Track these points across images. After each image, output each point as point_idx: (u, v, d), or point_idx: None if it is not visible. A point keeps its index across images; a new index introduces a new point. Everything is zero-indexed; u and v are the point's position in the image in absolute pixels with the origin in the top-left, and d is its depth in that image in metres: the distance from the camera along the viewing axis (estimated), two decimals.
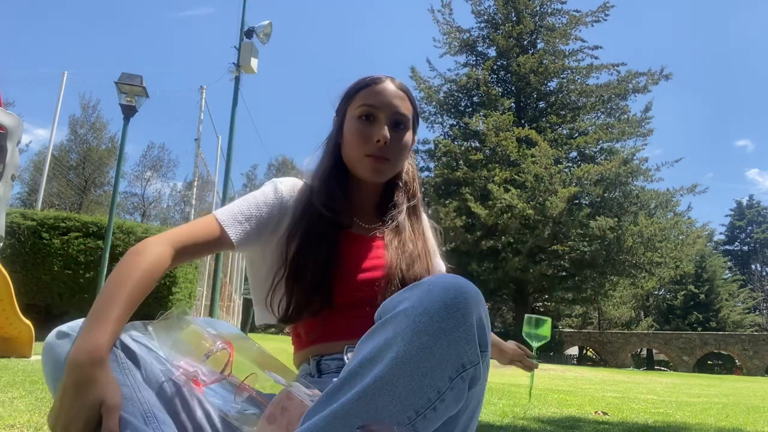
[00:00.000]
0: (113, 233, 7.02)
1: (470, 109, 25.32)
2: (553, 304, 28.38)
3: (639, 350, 33.03)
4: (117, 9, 58.26)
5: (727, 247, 52.16)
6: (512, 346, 1.38)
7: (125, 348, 0.80)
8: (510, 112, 23.18)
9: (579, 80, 25.01)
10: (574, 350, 32.12)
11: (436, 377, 0.68)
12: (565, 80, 25.12)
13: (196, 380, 0.83)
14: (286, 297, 1.03)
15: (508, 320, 33.36)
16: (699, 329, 33.47)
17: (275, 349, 0.96)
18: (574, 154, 24.67)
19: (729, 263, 46.08)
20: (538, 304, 29.41)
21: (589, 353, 32.50)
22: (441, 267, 1.24)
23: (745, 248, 52.56)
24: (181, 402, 0.81)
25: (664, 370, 27.62)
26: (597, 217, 21.06)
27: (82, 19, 57.20)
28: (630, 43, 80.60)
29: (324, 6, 78.17)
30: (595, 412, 3.47)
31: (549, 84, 25.48)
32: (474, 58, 26.49)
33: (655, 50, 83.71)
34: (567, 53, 25.25)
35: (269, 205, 1.06)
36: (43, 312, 7.05)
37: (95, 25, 57.92)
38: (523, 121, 24.82)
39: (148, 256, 0.87)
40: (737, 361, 29.31)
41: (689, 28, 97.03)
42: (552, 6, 25.52)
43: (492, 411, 3.04)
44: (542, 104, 25.76)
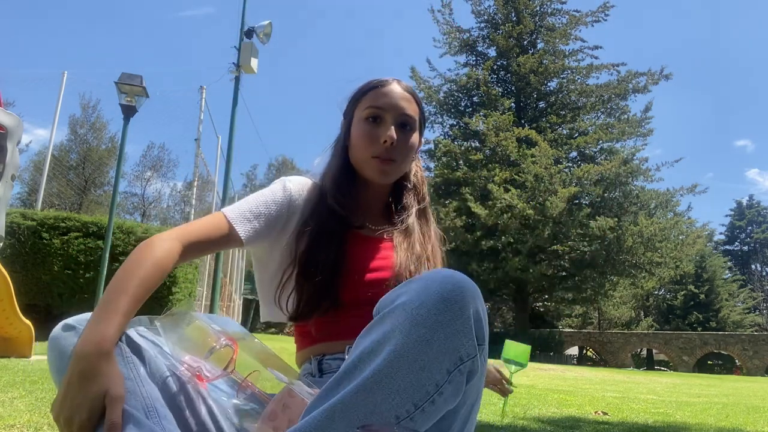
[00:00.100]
0: (113, 233, 7.02)
1: (470, 109, 25.33)
2: (553, 304, 28.39)
3: (639, 350, 33.01)
4: (117, 9, 58.35)
5: (727, 247, 52.15)
6: (492, 370, 1.38)
7: (130, 342, 0.81)
8: (510, 112, 23.18)
9: (579, 80, 25.01)
10: (574, 350, 32.10)
11: (434, 370, 0.68)
12: (565, 80, 25.12)
13: (200, 376, 0.84)
14: (296, 294, 1.03)
15: (508, 320, 33.36)
16: (699, 329, 33.46)
17: (276, 349, 0.96)
18: (574, 154, 24.67)
19: (729, 263, 46.07)
20: (538, 304, 29.41)
21: (589, 353, 32.48)
22: None
23: (745, 248, 52.55)
24: (185, 398, 0.82)
25: (664, 370, 27.61)
26: (597, 217, 21.06)
27: (82, 19, 57.27)
28: (630, 43, 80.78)
29: (324, 6, 78.22)
30: (595, 412, 3.47)
31: (549, 84, 25.49)
32: (474, 58, 26.50)
33: (655, 50, 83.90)
34: (567, 53, 25.25)
35: (278, 203, 1.06)
36: (43, 312, 7.06)
37: (95, 25, 57.98)
38: (523, 121, 24.82)
39: (157, 251, 0.88)
40: (737, 361, 29.30)
41: (689, 28, 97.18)
42: (552, 6, 25.52)
43: (492, 411, 3.04)
44: (542, 104, 25.76)
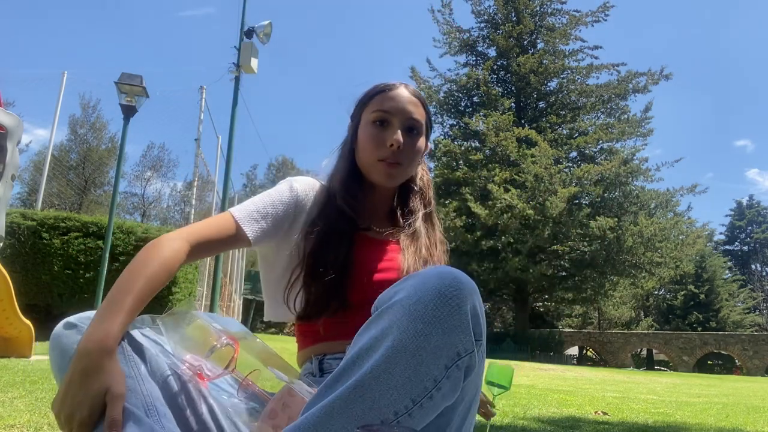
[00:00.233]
0: (113, 233, 7.02)
1: (470, 109, 25.33)
2: (553, 304, 28.41)
3: (639, 350, 33.01)
4: (117, 9, 58.30)
5: (727, 247, 52.14)
6: None
7: (132, 341, 0.81)
8: (510, 112, 23.18)
9: (579, 80, 25.03)
10: (574, 350, 32.09)
11: (432, 366, 0.69)
12: (565, 80, 25.13)
13: (201, 375, 0.84)
14: (304, 295, 1.03)
15: (508, 320, 33.37)
16: (699, 329, 33.46)
17: (276, 349, 0.96)
18: (574, 154, 24.68)
19: (729, 263, 46.07)
20: (538, 304, 29.42)
21: (589, 353, 32.48)
22: None
23: (745, 248, 52.54)
24: (186, 398, 0.82)
25: (664, 370, 27.61)
26: (597, 217, 21.06)
27: (82, 19, 57.24)
28: (630, 43, 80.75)
29: (324, 6, 78.20)
30: (595, 412, 3.47)
31: (549, 84, 25.50)
32: (474, 58, 26.51)
33: (655, 50, 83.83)
34: (567, 53, 25.26)
35: (285, 203, 1.07)
36: (43, 312, 7.06)
37: (95, 25, 57.95)
38: (523, 121, 24.83)
39: (164, 251, 0.89)
40: (737, 361, 29.30)
41: (689, 28, 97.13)
42: (552, 6, 25.54)
43: None
44: (542, 104, 25.77)
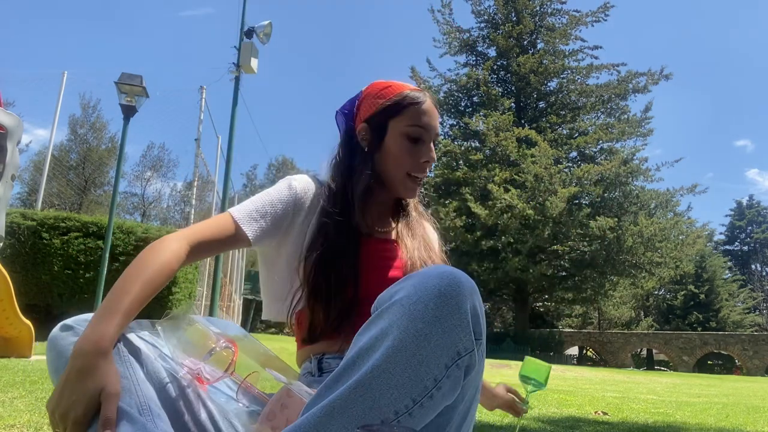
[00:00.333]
0: (113, 233, 7.02)
1: (470, 109, 25.34)
2: (553, 304, 28.39)
3: (639, 350, 33.01)
4: (117, 9, 58.31)
5: (727, 247, 52.14)
6: (501, 391, 1.32)
7: (128, 344, 0.82)
8: (510, 112, 23.18)
9: (579, 80, 25.03)
10: (574, 350, 32.09)
11: (432, 365, 0.68)
12: (565, 80, 25.14)
13: (200, 378, 0.84)
14: (311, 316, 1.01)
15: (508, 320, 33.37)
16: (699, 329, 33.46)
17: (276, 349, 0.96)
18: (574, 154, 24.68)
19: (729, 263, 46.06)
20: (538, 304, 29.41)
21: (589, 353, 32.49)
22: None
23: (745, 248, 52.53)
24: (185, 403, 0.82)
25: (664, 370, 27.61)
26: (597, 217, 21.06)
27: (82, 19, 57.27)
28: (630, 43, 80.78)
29: (324, 6, 78.14)
30: (595, 412, 3.47)
31: (549, 84, 25.50)
32: (474, 58, 26.51)
33: (655, 50, 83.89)
34: (567, 53, 25.26)
35: (284, 202, 1.07)
36: (43, 312, 7.05)
37: (95, 25, 58.00)
38: (523, 121, 24.83)
39: (164, 252, 0.89)
40: (737, 361, 29.31)
41: (689, 28, 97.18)
42: (552, 6, 25.54)
43: (492, 411, 3.04)
44: (542, 104, 25.77)
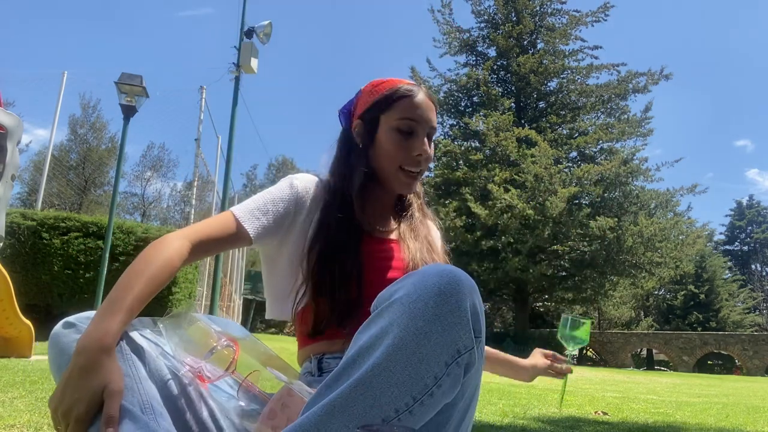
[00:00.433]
0: (113, 233, 7.02)
1: (470, 109, 25.32)
2: (553, 304, 28.36)
3: (639, 350, 33.00)
4: (117, 9, 58.25)
5: (727, 247, 52.13)
6: (535, 358, 1.34)
7: (131, 342, 0.82)
8: (510, 112, 23.17)
9: (579, 80, 25.00)
10: (574, 350, 32.06)
11: (432, 363, 0.69)
12: (565, 80, 25.12)
13: (201, 376, 0.84)
14: (315, 312, 1.02)
15: (508, 320, 33.35)
16: (699, 329, 33.44)
17: (276, 349, 0.96)
18: (574, 154, 24.66)
19: (729, 263, 46.03)
20: (538, 304, 29.39)
21: (589, 353, 32.47)
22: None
23: (745, 248, 52.53)
24: (186, 401, 0.83)
25: (664, 370, 27.61)
26: (597, 217, 21.05)
27: (82, 19, 57.19)
28: (630, 43, 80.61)
29: (324, 6, 78.10)
30: (595, 412, 3.47)
31: (549, 84, 25.48)
32: (474, 58, 26.49)
33: (655, 50, 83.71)
34: (567, 53, 25.25)
35: (285, 201, 1.07)
36: (43, 312, 7.06)
37: (95, 25, 57.91)
38: (523, 121, 24.82)
39: (166, 251, 0.90)
40: (737, 361, 29.29)
41: (689, 28, 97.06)
42: (552, 6, 25.51)
43: (492, 411, 3.04)
44: (542, 104, 25.76)
